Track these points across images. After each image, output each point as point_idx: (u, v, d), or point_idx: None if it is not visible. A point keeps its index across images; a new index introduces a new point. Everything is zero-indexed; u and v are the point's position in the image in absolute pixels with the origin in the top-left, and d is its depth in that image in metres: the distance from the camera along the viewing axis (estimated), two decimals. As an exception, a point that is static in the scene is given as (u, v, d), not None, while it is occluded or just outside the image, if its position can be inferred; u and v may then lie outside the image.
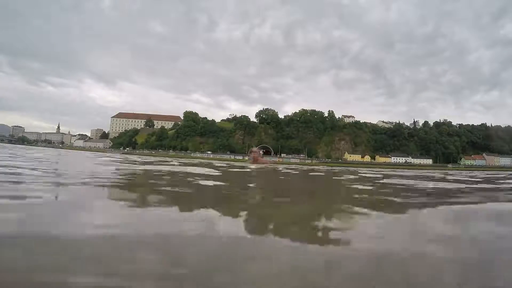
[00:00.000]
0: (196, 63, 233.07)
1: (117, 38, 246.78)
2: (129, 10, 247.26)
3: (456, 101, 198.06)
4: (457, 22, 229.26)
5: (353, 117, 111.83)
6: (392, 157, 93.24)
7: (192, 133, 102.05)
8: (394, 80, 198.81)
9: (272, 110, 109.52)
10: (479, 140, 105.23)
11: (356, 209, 4.03)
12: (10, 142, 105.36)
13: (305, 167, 33.09)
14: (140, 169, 11.00)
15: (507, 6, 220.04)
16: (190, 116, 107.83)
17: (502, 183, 13.08)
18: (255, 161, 31.01)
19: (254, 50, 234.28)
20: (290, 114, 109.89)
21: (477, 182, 12.49)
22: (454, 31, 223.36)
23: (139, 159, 25.75)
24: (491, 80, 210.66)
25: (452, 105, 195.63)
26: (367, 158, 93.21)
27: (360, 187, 8.30)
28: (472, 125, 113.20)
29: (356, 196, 6.06)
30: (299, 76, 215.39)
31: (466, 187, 9.20)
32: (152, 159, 32.35)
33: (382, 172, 23.77)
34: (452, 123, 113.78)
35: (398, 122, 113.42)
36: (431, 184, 10.00)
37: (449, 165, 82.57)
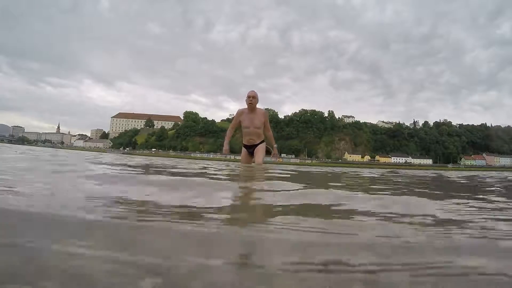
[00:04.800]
0: (194, 63, 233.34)
1: (116, 39, 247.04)
2: (126, 11, 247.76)
3: (454, 101, 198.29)
4: (453, 23, 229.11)
5: (353, 117, 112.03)
6: (392, 157, 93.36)
7: (192, 133, 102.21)
8: (391, 80, 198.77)
9: (272, 110, 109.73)
10: (479, 140, 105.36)
11: None
12: (10, 142, 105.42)
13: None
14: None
15: (503, 6, 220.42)
16: (190, 116, 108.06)
17: None
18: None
19: (251, 51, 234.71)
20: (290, 114, 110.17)
21: None
22: (451, 31, 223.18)
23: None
24: (488, 80, 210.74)
25: (450, 105, 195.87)
26: (367, 158, 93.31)
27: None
28: (472, 125, 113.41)
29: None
30: (297, 77, 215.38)
31: None
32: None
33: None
34: (452, 123, 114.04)
35: (398, 122, 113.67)
36: None
37: (449, 165, 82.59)
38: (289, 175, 2.82)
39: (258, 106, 4.47)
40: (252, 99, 4.23)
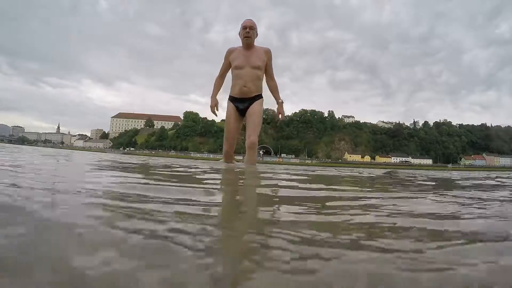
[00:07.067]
0: (193, 64, 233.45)
1: (115, 39, 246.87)
2: (125, 12, 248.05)
3: (453, 101, 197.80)
4: (452, 23, 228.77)
5: (353, 117, 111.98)
6: (392, 157, 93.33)
7: (192, 133, 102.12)
8: (390, 80, 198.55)
9: (272, 110, 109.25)
10: (479, 140, 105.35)
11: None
12: (10, 142, 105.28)
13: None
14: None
15: (501, 6, 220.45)
16: (190, 116, 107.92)
17: None
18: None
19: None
20: (289, 114, 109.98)
21: None
22: (449, 31, 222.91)
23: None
24: (487, 80, 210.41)
25: (449, 105, 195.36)
26: (367, 158, 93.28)
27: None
28: (472, 125, 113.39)
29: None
30: (296, 77, 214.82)
31: None
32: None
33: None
34: (452, 123, 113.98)
35: (398, 122, 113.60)
36: None
37: (449, 165, 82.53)
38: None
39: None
40: (249, 30, 2.81)
